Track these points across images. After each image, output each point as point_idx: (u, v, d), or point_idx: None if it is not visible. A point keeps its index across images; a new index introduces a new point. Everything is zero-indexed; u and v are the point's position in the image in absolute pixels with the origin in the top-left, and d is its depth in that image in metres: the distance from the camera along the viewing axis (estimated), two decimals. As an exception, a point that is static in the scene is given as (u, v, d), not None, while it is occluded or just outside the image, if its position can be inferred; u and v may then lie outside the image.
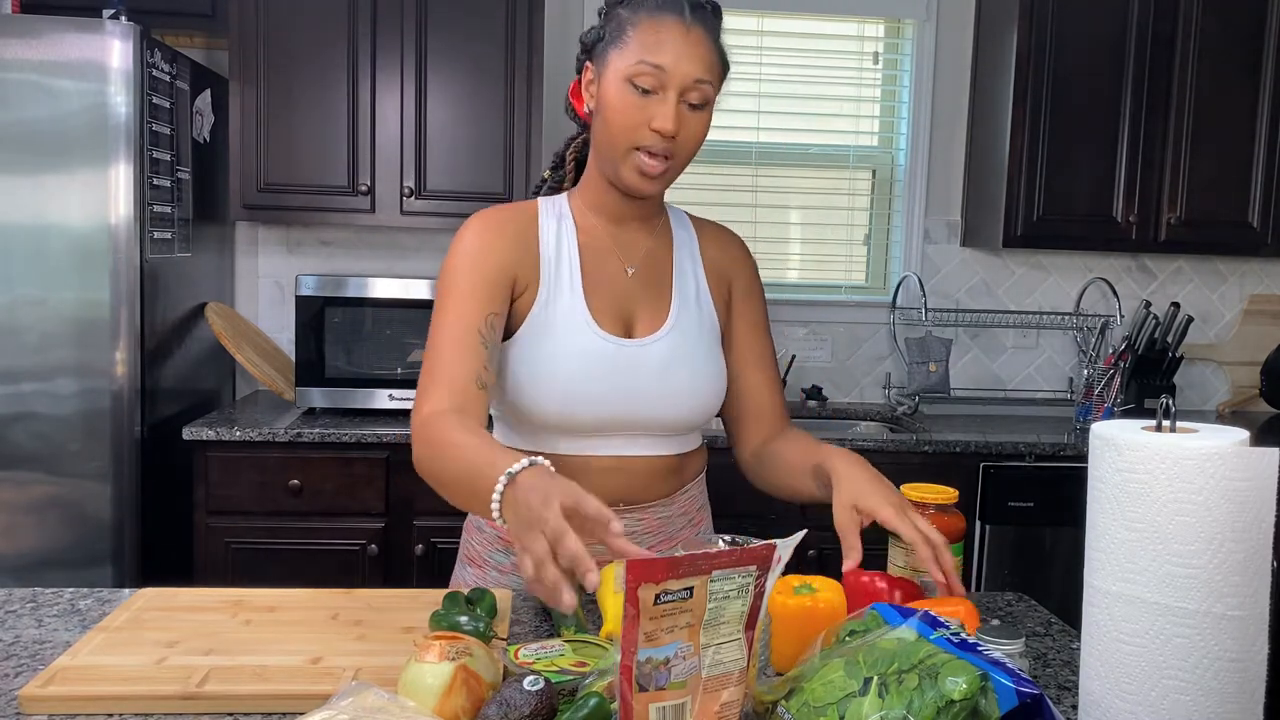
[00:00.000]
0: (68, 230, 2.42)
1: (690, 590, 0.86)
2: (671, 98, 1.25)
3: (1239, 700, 0.87)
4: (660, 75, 1.25)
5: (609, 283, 1.36)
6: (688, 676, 0.88)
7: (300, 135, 2.83)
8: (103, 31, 2.40)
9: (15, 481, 2.45)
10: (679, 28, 1.26)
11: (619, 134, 1.27)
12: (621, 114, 1.26)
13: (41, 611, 1.25)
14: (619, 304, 1.36)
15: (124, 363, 2.47)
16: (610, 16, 1.31)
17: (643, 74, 1.25)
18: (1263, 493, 0.85)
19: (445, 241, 3.23)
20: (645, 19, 1.26)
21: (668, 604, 0.85)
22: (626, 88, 1.26)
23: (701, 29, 1.28)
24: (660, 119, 1.25)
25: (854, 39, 3.36)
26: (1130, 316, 3.34)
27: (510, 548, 1.38)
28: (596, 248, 1.37)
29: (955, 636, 0.91)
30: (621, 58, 1.26)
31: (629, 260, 1.38)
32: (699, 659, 0.88)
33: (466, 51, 2.85)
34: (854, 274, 3.46)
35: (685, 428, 1.39)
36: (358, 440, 2.60)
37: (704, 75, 1.27)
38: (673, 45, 1.25)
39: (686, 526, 1.45)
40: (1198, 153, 3.06)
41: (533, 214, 1.37)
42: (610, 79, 1.27)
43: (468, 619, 1.13)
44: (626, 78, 1.25)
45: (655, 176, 1.29)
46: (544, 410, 1.31)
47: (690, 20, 1.27)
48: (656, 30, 1.25)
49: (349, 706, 0.88)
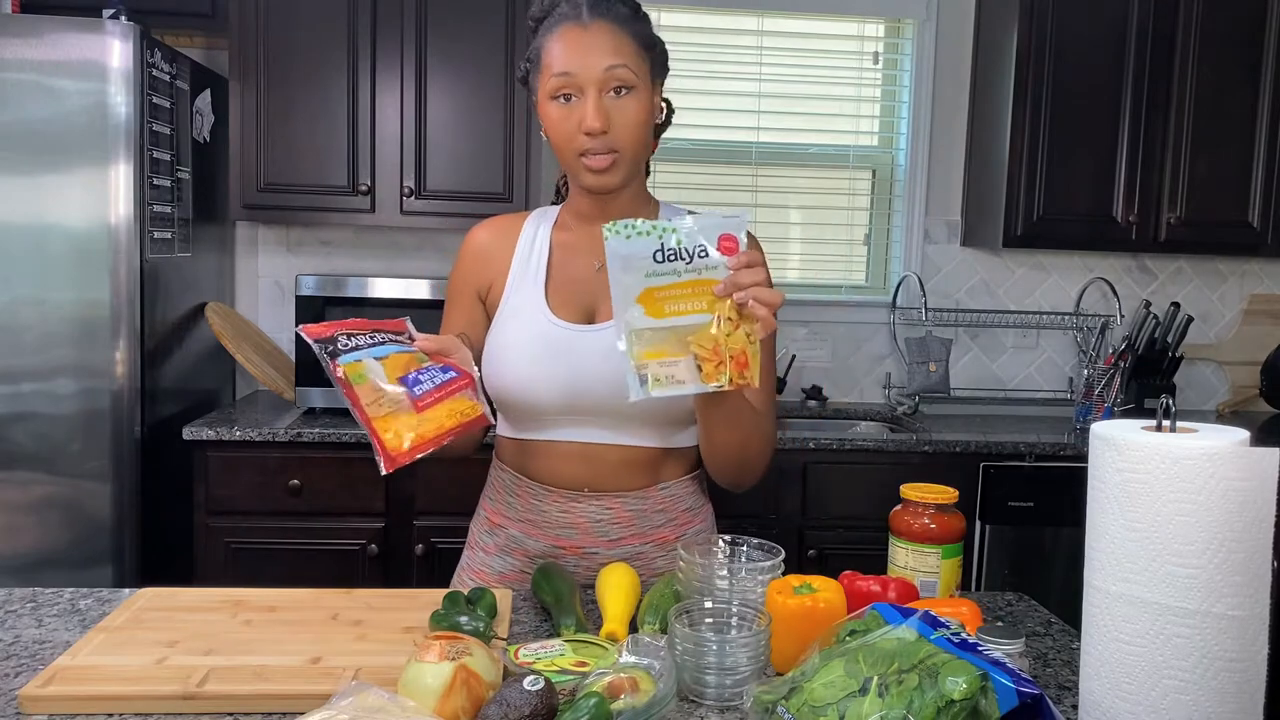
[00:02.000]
0: (68, 230, 2.42)
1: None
2: (591, 95, 1.31)
3: (1239, 700, 0.87)
4: (570, 79, 1.31)
5: (575, 277, 1.43)
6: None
7: (300, 135, 2.83)
8: (103, 31, 2.40)
9: (15, 481, 2.45)
10: (575, 31, 1.32)
11: (562, 147, 1.35)
12: (556, 128, 1.34)
13: (41, 611, 1.25)
14: (581, 297, 1.42)
15: (124, 363, 2.47)
16: (531, 49, 1.39)
17: (558, 87, 1.32)
18: (1263, 493, 0.85)
19: (445, 241, 3.23)
20: (547, 38, 1.35)
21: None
22: (553, 104, 1.33)
23: (603, 20, 1.33)
24: (586, 119, 1.31)
25: (854, 39, 3.36)
26: (1130, 316, 3.34)
27: (494, 527, 1.48)
28: (569, 246, 1.45)
29: (955, 636, 0.91)
30: (542, 80, 1.34)
31: (599, 256, 1.39)
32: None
33: (466, 51, 2.85)
34: (854, 274, 3.46)
35: (642, 418, 1.38)
36: (358, 440, 2.60)
37: (613, 61, 1.31)
38: (573, 49, 1.31)
39: (667, 525, 1.44)
40: (1198, 153, 3.06)
41: (521, 221, 1.49)
42: (542, 102, 1.36)
43: (468, 619, 1.13)
44: (549, 96, 1.33)
45: (605, 170, 1.34)
46: (506, 393, 1.39)
47: (588, 18, 1.33)
48: (557, 42, 1.33)
49: (349, 706, 0.88)
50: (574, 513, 1.41)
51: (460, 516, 2.85)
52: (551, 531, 1.42)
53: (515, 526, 1.44)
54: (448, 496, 2.65)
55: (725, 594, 1.17)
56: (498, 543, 1.46)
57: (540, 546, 1.42)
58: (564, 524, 1.42)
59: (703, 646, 1.04)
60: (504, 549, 1.46)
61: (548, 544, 1.42)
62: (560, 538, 1.42)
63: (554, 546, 1.42)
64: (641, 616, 1.21)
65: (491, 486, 1.51)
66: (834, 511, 2.75)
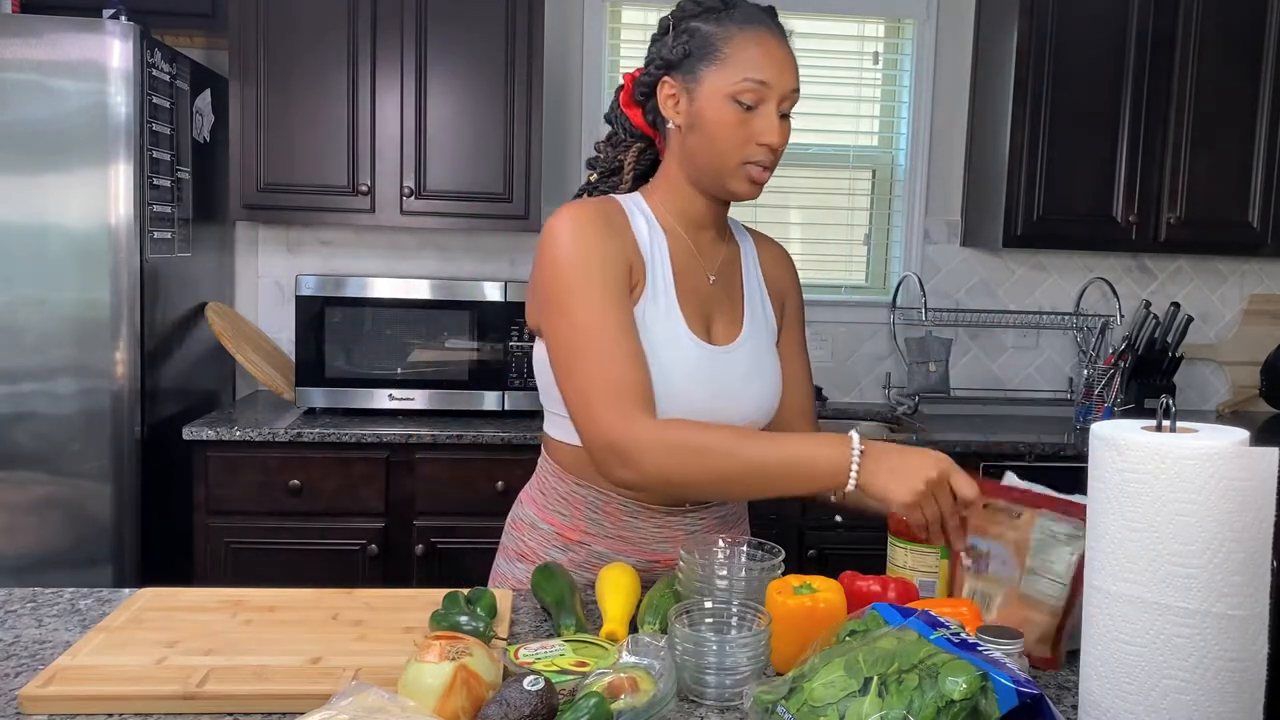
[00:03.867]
0: (68, 230, 2.42)
1: (1019, 513, 1.19)
2: (773, 110, 1.28)
3: (1239, 700, 0.87)
4: (764, 90, 1.27)
5: (695, 288, 1.38)
6: (1002, 578, 1.19)
7: (300, 135, 2.83)
8: (103, 31, 2.40)
9: (15, 481, 2.45)
10: (774, 40, 1.28)
11: (728, 151, 1.29)
12: (727, 131, 1.28)
13: (41, 611, 1.25)
14: (702, 309, 1.38)
15: (124, 363, 2.47)
16: (690, 32, 1.31)
17: (747, 90, 1.27)
18: (1263, 493, 0.85)
19: (445, 241, 3.23)
20: (738, 34, 1.28)
21: (994, 511, 1.21)
22: (729, 105, 1.27)
23: (785, 38, 1.31)
24: (768, 134, 1.27)
25: (854, 39, 3.36)
26: (1130, 316, 3.34)
27: (569, 543, 1.41)
28: (682, 252, 1.38)
29: (955, 636, 0.91)
30: (721, 74, 1.27)
31: (710, 267, 1.41)
32: (1017, 573, 1.17)
33: (466, 51, 2.85)
34: (854, 274, 3.46)
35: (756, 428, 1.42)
36: (358, 440, 2.60)
37: (797, 84, 1.31)
38: (773, 59, 1.27)
39: (736, 526, 1.50)
40: (1198, 153, 3.06)
41: (621, 211, 1.36)
42: (708, 96, 1.28)
43: (468, 619, 1.13)
44: (730, 95, 1.27)
45: (763, 184, 1.33)
46: None
47: (779, 31, 1.30)
48: (754, 45, 1.27)
49: (349, 706, 0.88)
50: (670, 527, 1.40)
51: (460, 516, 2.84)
52: (647, 548, 1.39)
53: (602, 544, 1.39)
54: (448, 496, 2.65)
55: (725, 594, 1.17)
56: (575, 559, 1.40)
57: (631, 562, 1.37)
58: (660, 539, 1.39)
59: (703, 646, 1.04)
60: (583, 564, 1.40)
61: (641, 559, 1.39)
62: (655, 553, 1.39)
63: (649, 561, 1.39)
64: (641, 616, 1.21)
65: (564, 502, 1.41)
66: (834, 511, 2.75)
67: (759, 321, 1.43)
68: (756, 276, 1.47)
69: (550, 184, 3.20)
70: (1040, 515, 1.18)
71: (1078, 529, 1.14)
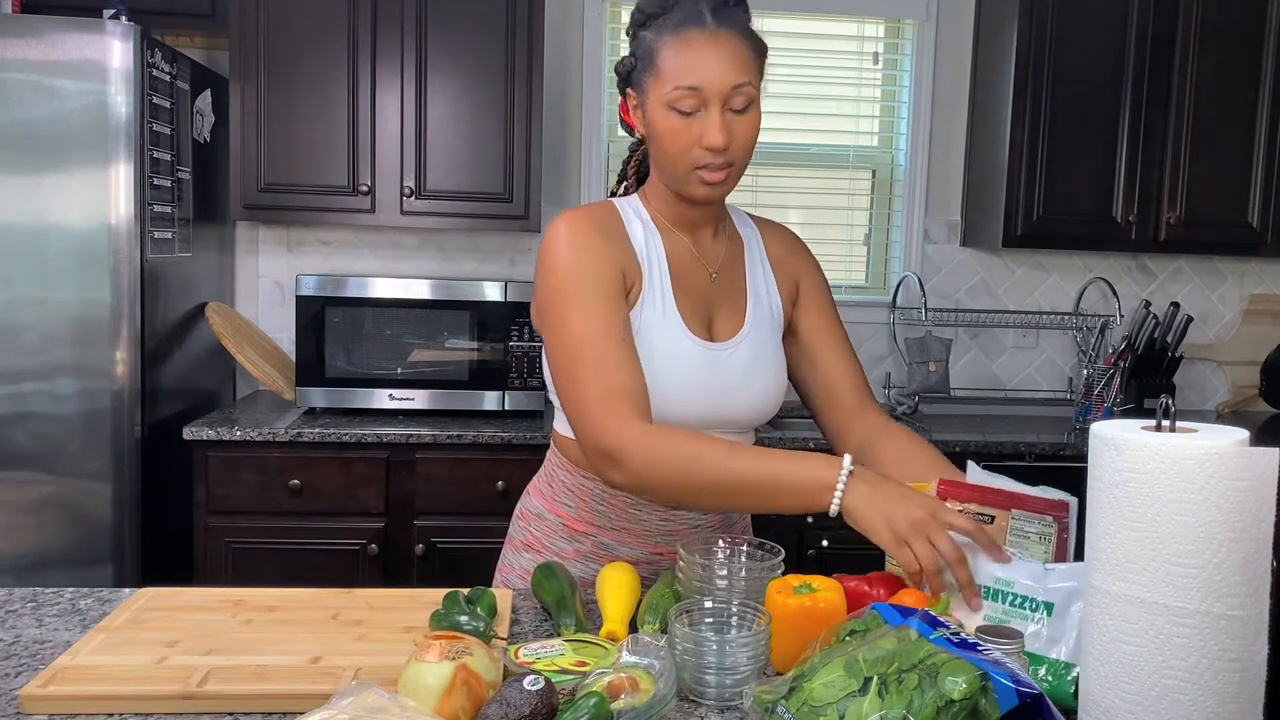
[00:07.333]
0: (68, 230, 2.42)
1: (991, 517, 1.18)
2: (715, 111, 1.25)
3: (1239, 700, 0.87)
4: (698, 95, 1.25)
5: (695, 286, 1.38)
6: None
7: (300, 135, 2.83)
8: (103, 31, 2.40)
9: (15, 481, 2.45)
10: (704, 38, 1.25)
11: (675, 157, 1.28)
12: (671, 139, 1.27)
13: (41, 611, 1.25)
14: (703, 307, 1.38)
15: (124, 363, 2.47)
16: (638, 41, 1.30)
17: (680, 99, 1.25)
18: (1263, 493, 0.85)
19: (445, 241, 3.23)
20: (670, 39, 1.26)
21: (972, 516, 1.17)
22: (669, 114, 1.26)
23: (729, 27, 1.27)
24: (709, 136, 1.25)
25: (854, 39, 3.36)
26: (1130, 316, 3.34)
27: (575, 534, 1.42)
28: (681, 252, 1.39)
29: (955, 636, 0.91)
30: (657, 85, 1.27)
31: (710, 265, 1.41)
32: None
33: (466, 51, 2.85)
34: (854, 274, 3.46)
35: (754, 425, 1.44)
36: (358, 440, 2.60)
37: (741, 79, 1.26)
38: (702, 61, 1.24)
39: (739, 522, 1.50)
40: (1198, 153, 3.06)
41: (617, 215, 1.38)
42: (652, 106, 1.28)
43: (468, 619, 1.13)
44: (666, 105, 1.26)
45: (720, 184, 1.30)
46: None
47: (715, 25, 1.25)
48: (684, 50, 1.25)
49: (349, 706, 0.88)
50: (675, 520, 1.41)
51: (460, 516, 2.84)
52: (651, 540, 1.41)
53: (608, 535, 1.41)
54: (448, 496, 2.66)
55: (725, 594, 1.17)
56: (581, 549, 1.42)
57: (636, 553, 1.41)
58: (664, 531, 1.41)
59: (703, 646, 1.04)
60: (589, 555, 1.42)
61: (645, 551, 1.41)
62: (659, 544, 1.41)
63: (652, 554, 1.41)
64: (641, 616, 1.21)
65: (571, 494, 1.43)
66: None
67: (762, 314, 1.43)
68: (762, 266, 1.46)
69: (550, 184, 3.20)
70: (1011, 518, 1.18)
71: (1047, 525, 1.15)
